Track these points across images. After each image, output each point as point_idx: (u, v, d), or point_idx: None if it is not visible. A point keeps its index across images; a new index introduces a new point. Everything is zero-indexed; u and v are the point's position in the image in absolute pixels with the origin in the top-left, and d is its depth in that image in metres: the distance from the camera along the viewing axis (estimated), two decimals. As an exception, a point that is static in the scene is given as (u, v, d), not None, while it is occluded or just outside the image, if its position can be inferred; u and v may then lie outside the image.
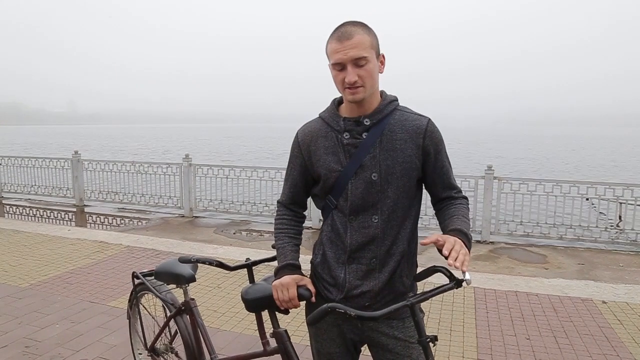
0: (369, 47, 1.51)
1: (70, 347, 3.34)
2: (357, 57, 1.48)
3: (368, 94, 1.55)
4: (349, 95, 1.54)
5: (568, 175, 20.34)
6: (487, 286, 4.56)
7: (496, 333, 3.57)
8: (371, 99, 1.59)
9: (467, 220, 1.60)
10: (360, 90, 1.52)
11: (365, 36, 1.51)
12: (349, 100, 1.57)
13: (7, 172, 10.64)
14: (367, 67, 1.50)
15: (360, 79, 1.50)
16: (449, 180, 1.68)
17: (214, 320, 3.79)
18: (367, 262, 1.59)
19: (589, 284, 4.69)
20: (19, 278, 4.74)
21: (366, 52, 1.50)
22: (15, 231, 6.75)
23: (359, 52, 1.48)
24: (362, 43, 1.49)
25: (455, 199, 1.69)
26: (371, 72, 1.52)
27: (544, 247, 6.63)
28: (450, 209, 1.65)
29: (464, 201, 1.70)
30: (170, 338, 2.48)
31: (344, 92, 1.56)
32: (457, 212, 1.62)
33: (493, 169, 7.02)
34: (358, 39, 1.49)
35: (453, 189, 1.69)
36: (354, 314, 1.30)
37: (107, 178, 9.59)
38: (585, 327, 3.67)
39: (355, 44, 1.48)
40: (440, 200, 1.70)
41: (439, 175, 1.66)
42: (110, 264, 5.24)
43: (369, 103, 1.59)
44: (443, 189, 1.68)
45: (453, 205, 1.67)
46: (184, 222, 8.31)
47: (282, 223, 1.74)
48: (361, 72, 1.50)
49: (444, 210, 1.68)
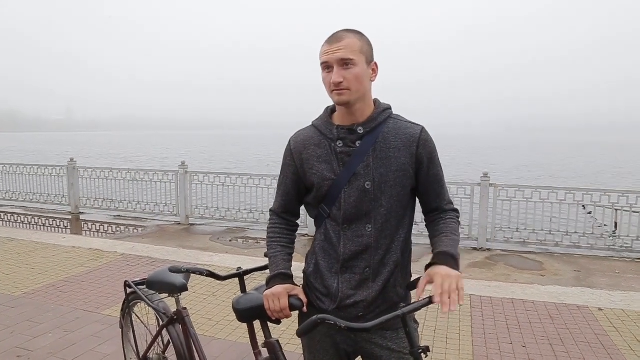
0: (357, 50, 1.52)
1: (63, 356, 3.30)
2: (343, 57, 1.50)
3: (354, 98, 1.54)
4: (335, 97, 1.55)
5: (574, 182, 20.32)
6: (484, 294, 4.54)
7: (492, 341, 3.56)
8: (363, 106, 1.58)
9: (457, 237, 1.61)
10: (346, 92, 1.52)
11: (355, 40, 1.53)
12: (335, 102, 1.58)
13: (2, 180, 10.59)
14: (354, 70, 1.51)
15: (346, 80, 1.51)
16: (441, 190, 1.67)
17: (209, 328, 3.77)
18: (361, 272, 1.58)
19: (585, 291, 4.68)
20: (13, 286, 4.70)
21: (353, 55, 1.51)
22: (9, 239, 6.70)
23: (345, 53, 1.50)
24: (351, 46, 1.51)
25: (446, 212, 1.67)
26: (357, 76, 1.52)
27: (541, 254, 6.63)
28: (440, 224, 1.65)
29: (454, 215, 1.68)
30: (163, 348, 2.45)
31: (331, 94, 1.56)
32: (447, 229, 1.62)
33: (489, 176, 7.03)
34: (347, 42, 1.51)
35: (444, 199, 1.68)
36: (343, 326, 1.28)
37: (103, 185, 9.55)
38: (582, 335, 3.66)
39: (343, 45, 1.51)
40: (432, 211, 1.69)
41: (431, 184, 1.65)
42: (104, 272, 5.21)
43: (360, 111, 1.59)
44: (435, 199, 1.67)
45: (442, 220, 1.66)
46: (180, 230, 8.28)
47: (274, 232, 1.73)
48: (347, 74, 1.51)
49: (433, 225, 1.67)
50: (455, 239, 1.59)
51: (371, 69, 1.58)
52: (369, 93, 1.60)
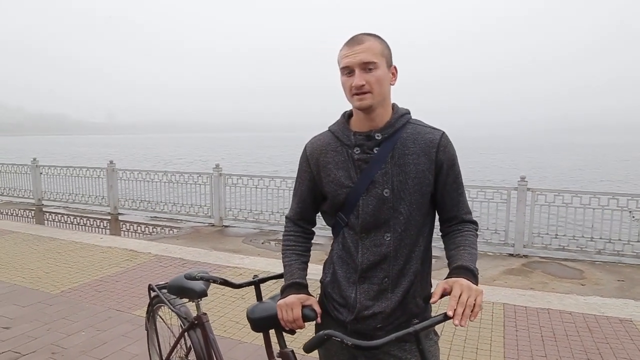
0: (379, 53, 1.48)
1: (94, 355, 3.39)
2: (365, 61, 1.46)
3: (376, 101, 1.50)
4: (356, 101, 1.50)
5: (616, 187, 19.42)
6: (518, 303, 4.38)
7: (525, 353, 3.41)
8: (382, 111, 1.54)
9: (475, 250, 1.52)
10: (368, 96, 1.48)
11: (376, 43, 1.50)
12: (356, 107, 1.53)
13: (47, 181, 11.06)
14: (376, 73, 1.47)
15: (368, 84, 1.47)
16: (460, 198, 1.60)
17: (236, 332, 3.78)
18: (379, 282, 1.53)
19: (629, 303, 4.43)
20: (51, 285, 4.88)
21: (375, 57, 1.47)
22: (51, 238, 6.97)
23: (367, 56, 1.46)
24: (372, 49, 1.48)
25: (464, 222, 1.60)
26: (379, 79, 1.48)
27: (581, 262, 6.35)
28: (457, 237, 1.56)
29: (472, 227, 1.60)
30: (186, 351, 2.47)
31: (351, 99, 1.52)
32: (464, 242, 1.53)
33: (527, 180, 6.80)
34: (368, 45, 1.48)
35: (463, 208, 1.60)
36: (350, 343, 1.24)
37: (140, 187, 9.82)
38: (623, 350, 3.46)
39: (364, 48, 1.47)
40: (448, 220, 1.61)
41: (450, 192, 1.58)
42: (138, 272, 5.33)
43: (380, 116, 1.54)
44: (453, 207, 1.59)
45: (460, 232, 1.57)
46: (214, 232, 8.40)
47: (289, 240, 1.70)
48: (369, 78, 1.47)
49: (450, 236, 1.59)
50: (474, 253, 1.50)
51: (391, 72, 1.54)
52: (388, 97, 1.56)
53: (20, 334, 3.71)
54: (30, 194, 11.24)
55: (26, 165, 11.31)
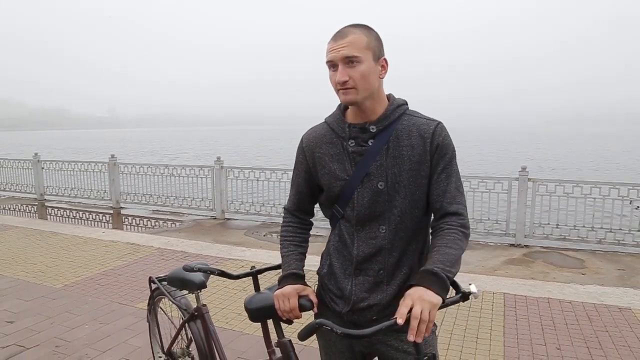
0: (363, 47, 1.44)
1: (97, 347, 3.42)
2: (347, 55, 1.43)
3: (361, 97, 1.48)
4: (341, 96, 1.50)
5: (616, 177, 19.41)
6: (518, 292, 4.40)
7: (525, 342, 3.43)
8: (373, 104, 1.52)
9: (450, 249, 1.40)
10: (352, 91, 1.46)
11: (361, 36, 1.45)
12: (341, 102, 1.54)
13: (49, 176, 11.09)
14: (359, 67, 1.44)
15: (352, 79, 1.44)
16: (447, 187, 1.51)
17: (237, 323, 3.81)
18: (375, 274, 1.53)
19: (628, 292, 4.45)
20: (54, 279, 4.91)
21: (359, 52, 1.43)
22: (53, 233, 7.01)
23: (350, 50, 1.43)
24: (356, 42, 1.44)
25: (448, 216, 1.50)
26: (363, 74, 1.45)
27: (582, 252, 6.36)
28: (436, 237, 1.48)
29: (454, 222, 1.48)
30: (187, 342, 2.49)
31: (337, 94, 1.51)
32: (439, 242, 1.44)
33: (527, 170, 6.79)
34: (352, 38, 1.44)
35: (447, 197, 1.50)
36: (339, 332, 1.25)
37: (142, 181, 9.84)
38: (622, 338, 3.48)
39: (348, 42, 1.44)
40: (435, 213, 1.54)
41: (437, 180, 1.51)
42: (140, 265, 5.36)
43: (372, 109, 1.53)
44: (438, 197, 1.51)
45: (441, 231, 1.48)
46: (216, 224, 8.43)
47: (287, 230, 1.71)
48: (352, 73, 1.44)
49: (433, 237, 1.51)
50: (448, 252, 1.39)
51: (380, 65, 1.50)
52: (378, 90, 1.52)
53: (24, 327, 3.75)
54: (32, 189, 11.28)
55: (28, 160, 11.33)
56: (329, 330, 1.26)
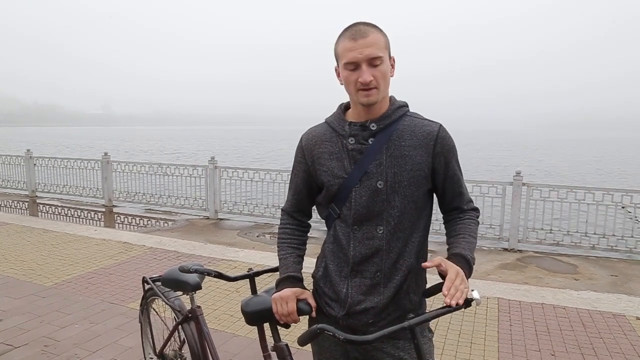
0: (383, 47, 1.46)
1: (87, 347, 3.37)
2: (372, 56, 1.42)
3: (381, 97, 1.48)
4: (362, 98, 1.47)
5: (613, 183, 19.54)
6: (512, 297, 4.39)
7: (519, 348, 3.42)
8: (380, 103, 1.51)
9: (474, 239, 1.56)
10: (374, 92, 1.45)
11: (380, 36, 1.46)
12: (362, 103, 1.49)
13: (41, 173, 10.98)
14: (382, 67, 1.44)
15: (375, 79, 1.44)
16: (460, 189, 1.61)
17: (230, 325, 3.77)
18: (371, 276, 1.51)
19: (622, 298, 4.45)
20: (44, 277, 4.84)
21: (381, 51, 1.44)
22: (44, 230, 6.93)
23: (374, 51, 1.42)
24: (378, 42, 1.44)
25: (465, 211, 1.61)
26: (385, 74, 1.46)
27: (575, 257, 6.37)
28: (458, 224, 1.59)
29: (474, 214, 1.62)
30: (180, 344, 2.45)
31: (356, 95, 1.48)
32: (464, 230, 1.57)
33: (522, 175, 6.80)
34: (374, 38, 1.43)
35: (464, 199, 1.62)
36: (342, 338, 1.22)
37: (135, 179, 9.76)
38: (617, 345, 3.47)
39: (370, 42, 1.42)
40: (450, 211, 1.63)
41: (450, 185, 1.58)
42: (132, 265, 5.30)
43: (377, 107, 1.52)
44: (453, 199, 1.61)
45: (461, 220, 1.60)
46: (209, 224, 8.38)
47: (285, 232, 1.68)
48: (376, 73, 1.44)
49: (451, 224, 1.62)
50: (472, 241, 1.54)
51: (390, 64, 1.51)
52: (388, 88, 1.53)
53: (13, 326, 3.69)
54: (24, 186, 11.16)
55: (20, 157, 11.22)
56: (331, 335, 1.23)
